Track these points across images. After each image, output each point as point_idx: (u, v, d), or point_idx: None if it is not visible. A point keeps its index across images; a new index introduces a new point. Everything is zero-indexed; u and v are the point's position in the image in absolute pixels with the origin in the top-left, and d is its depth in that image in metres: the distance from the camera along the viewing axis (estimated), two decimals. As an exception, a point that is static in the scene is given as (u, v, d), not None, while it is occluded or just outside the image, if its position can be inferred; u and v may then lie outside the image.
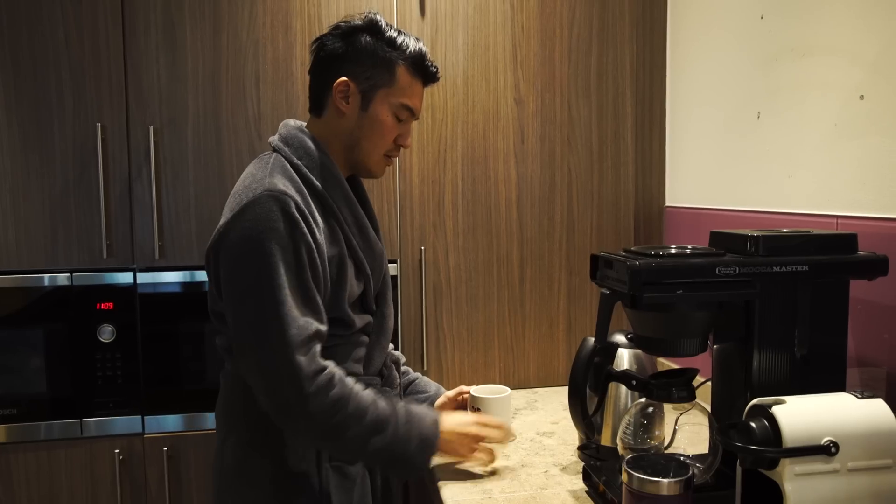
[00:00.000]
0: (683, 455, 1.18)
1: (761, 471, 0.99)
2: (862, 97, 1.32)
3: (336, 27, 1.30)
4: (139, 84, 1.74)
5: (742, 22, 1.68)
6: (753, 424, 0.99)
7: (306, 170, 1.24)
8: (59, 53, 1.70)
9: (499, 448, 1.39)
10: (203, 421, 1.81)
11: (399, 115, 1.30)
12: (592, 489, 1.28)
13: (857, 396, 1.01)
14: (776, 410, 0.97)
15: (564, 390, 1.32)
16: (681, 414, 1.21)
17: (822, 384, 1.09)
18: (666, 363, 1.80)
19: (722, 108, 1.78)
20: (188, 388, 1.80)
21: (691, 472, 1.02)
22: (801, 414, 0.97)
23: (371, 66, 1.27)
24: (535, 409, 1.80)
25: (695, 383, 1.20)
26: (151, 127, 1.74)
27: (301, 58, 1.80)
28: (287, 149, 1.27)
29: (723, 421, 1.17)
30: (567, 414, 1.34)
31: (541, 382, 2.00)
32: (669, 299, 1.09)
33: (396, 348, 1.84)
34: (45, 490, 1.74)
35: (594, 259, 1.21)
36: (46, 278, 1.73)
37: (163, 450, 1.77)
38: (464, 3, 1.88)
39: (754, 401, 1.02)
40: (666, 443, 1.21)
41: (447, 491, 1.33)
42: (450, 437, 1.28)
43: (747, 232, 1.16)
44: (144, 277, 1.76)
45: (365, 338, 1.33)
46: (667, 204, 2.07)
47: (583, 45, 1.95)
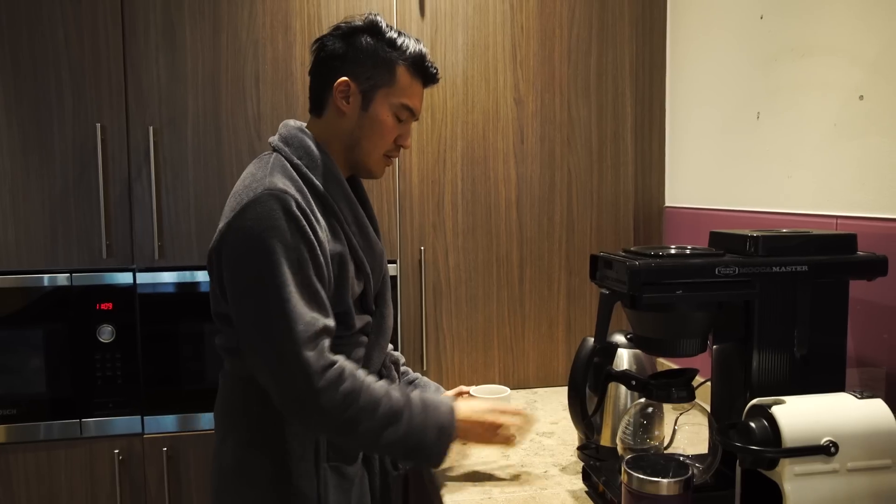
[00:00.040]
0: (683, 455, 1.18)
1: (761, 471, 0.99)
2: (861, 97, 1.32)
3: (336, 28, 1.30)
4: (139, 84, 1.74)
5: (742, 22, 1.68)
6: (753, 424, 0.99)
7: (306, 169, 1.24)
8: (59, 53, 1.70)
9: (522, 434, 1.36)
10: (203, 421, 1.81)
11: (399, 115, 1.30)
12: (592, 489, 1.28)
13: (857, 396, 1.01)
14: (776, 410, 0.97)
15: (564, 390, 1.32)
16: (680, 414, 1.21)
17: (822, 384, 1.09)
18: (665, 363, 1.80)
19: (721, 109, 1.78)
20: (188, 389, 1.80)
21: (691, 473, 1.02)
22: (801, 414, 0.97)
23: (372, 67, 1.27)
24: (535, 410, 1.80)
25: (694, 383, 1.20)
26: (151, 127, 1.74)
27: (301, 58, 1.80)
28: (287, 149, 1.27)
29: (722, 421, 1.17)
30: (567, 414, 1.34)
31: (540, 382, 2.00)
32: (669, 299, 1.09)
33: (396, 349, 1.84)
34: (45, 490, 1.74)
35: (594, 259, 1.21)
36: (46, 278, 1.73)
37: (162, 450, 1.77)
38: (463, 4, 1.88)
39: (754, 401, 1.02)
40: (665, 443, 1.21)
41: (447, 491, 1.33)
42: (467, 425, 1.28)
43: (747, 232, 1.16)
44: (144, 278, 1.76)
45: (364, 338, 1.33)
46: (666, 204, 2.07)
47: (582, 46, 1.95)
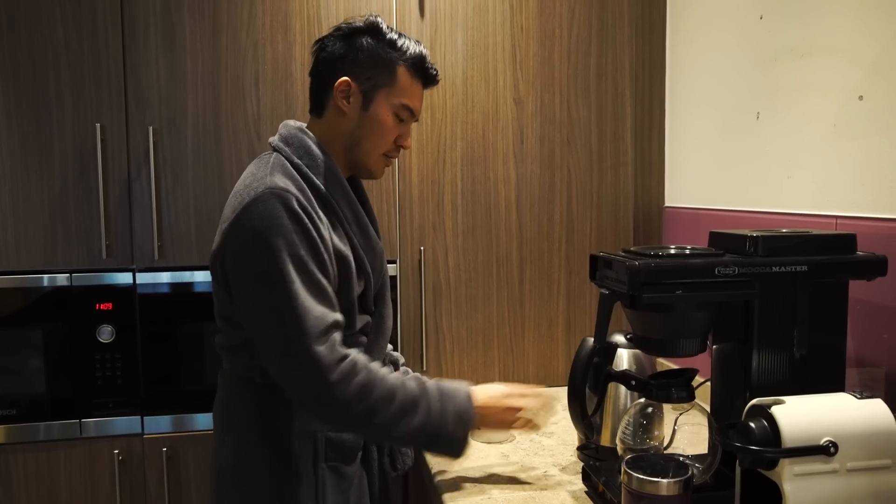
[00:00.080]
0: (683, 455, 1.18)
1: (760, 471, 0.99)
2: (861, 97, 1.32)
3: (337, 29, 1.30)
4: (138, 84, 1.74)
5: (741, 22, 1.68)
6: (753, 425, 0.99)
7: (307, 169, 1.24)
8: (59, 54, 1.70)
9: (544, 416, 1.34)
10: (202, 421, 1.80)
11: (400, 116, 1.30)
12: (592, 489, 1.29)
13: (857, 397, 1.01)
14: (775, 411, 0.97)
15: (564, 391, 1.32)
16: (680, 414, 1.21)
17: (822, 384, 1.10)
18: (665, 363, 1.80)
19: (721, 109, 1.78)
20: (187, 389, 1.80)
21: (690, 473, 1.02)
22: (801, 414, 0.97)
23: (372, 67, 1.27)
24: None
25: (694, 383, 1.20)
26: (151, 127, 1.73)
27: (300, 58, 1.80)
28: (287, 148, 1.27)
29: (722, 421, 1.17)
30: (566, 414, 1.34)
31: (540, 383, 2.00)
32: (669, 299, 1.09)
33: (396, 349, 1.84)
34: (45, 491, 1.74)
35: (593, 259, 1.21)
36: (46, 279, 1.72)
37: (162, 450, 1.77)
38: (463, 4, 1.88)
39: (753, 401, 1.02)
40: (665, 443, 1.21)
41: (446, 491, 1.33)
42: (486, 411, 1.27)
43: (746, 232, 1.16)
44: (144, 278, 1.76)
45: (363, 338, 1.33)
46: (666, 204, 2.08)
47: (582, 46, 1.95)
